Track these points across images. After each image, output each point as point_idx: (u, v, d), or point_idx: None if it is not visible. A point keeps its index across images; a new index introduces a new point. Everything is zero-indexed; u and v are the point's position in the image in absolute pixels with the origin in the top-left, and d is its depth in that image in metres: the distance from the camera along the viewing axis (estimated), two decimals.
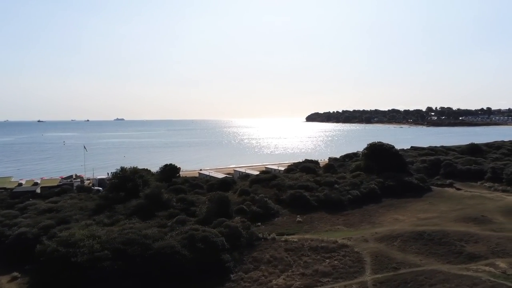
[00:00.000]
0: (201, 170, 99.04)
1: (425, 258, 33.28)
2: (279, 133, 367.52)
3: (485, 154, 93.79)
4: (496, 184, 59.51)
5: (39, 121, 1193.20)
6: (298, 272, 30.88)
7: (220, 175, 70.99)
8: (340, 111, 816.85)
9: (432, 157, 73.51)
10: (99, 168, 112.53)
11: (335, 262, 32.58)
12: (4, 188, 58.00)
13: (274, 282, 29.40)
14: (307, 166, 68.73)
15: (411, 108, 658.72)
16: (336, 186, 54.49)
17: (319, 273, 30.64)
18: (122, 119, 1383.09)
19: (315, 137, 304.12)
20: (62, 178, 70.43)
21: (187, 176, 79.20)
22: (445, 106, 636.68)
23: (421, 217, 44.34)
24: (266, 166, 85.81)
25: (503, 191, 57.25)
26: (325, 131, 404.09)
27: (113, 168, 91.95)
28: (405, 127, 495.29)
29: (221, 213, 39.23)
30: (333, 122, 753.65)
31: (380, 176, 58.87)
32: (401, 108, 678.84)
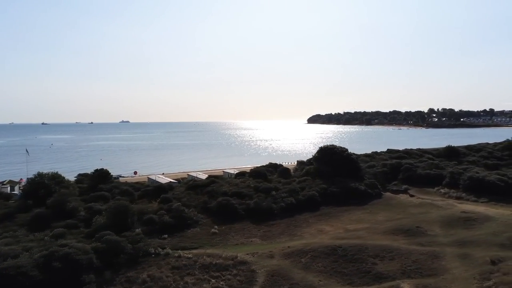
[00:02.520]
0: (164, 173, 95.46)
1: (326, 278, 29.37)
2: (278, 135, 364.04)
3: (462, 157, 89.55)
4: (452, 191, 55.30)
5: (43, 123, 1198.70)
6: None
7: (165, 180, 67.22)
8: (342, 112, 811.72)
9: (393, 161, 69.17)
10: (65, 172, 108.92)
11: (221, 283, 28.69)
12: None
13: None
14: (257, 171, 64.73)
15: (413, 110, 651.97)
16: (273, 193, 50.52)
17: None
18: (128, 122, 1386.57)
19: (308, 138, 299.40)
20: None
21: (140, 181, 75.76)
22: (447, 108, 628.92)
23: (349, 228, 40.34)
24: (224, 170, 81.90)
25: (457, 198, 53.05)
26: (322, 133, 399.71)
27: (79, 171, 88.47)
28: (404, 128, 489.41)
29: (117, 225, 35.47)
30: (334, 123, 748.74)
31: (327, 182, 54.88)
32: (404, 109, 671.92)
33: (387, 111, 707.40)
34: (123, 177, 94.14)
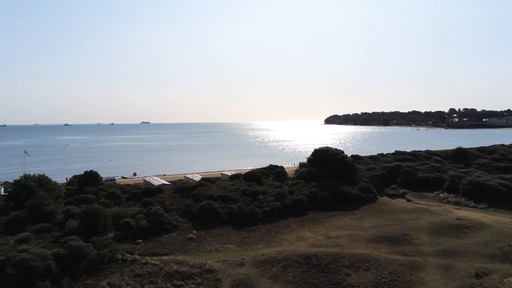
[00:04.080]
0: (165, 174, 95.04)
1: None
2: (291, 136, 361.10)
3: (472, 159, 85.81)
4: (451, 195, 52.64)
5: (66, 124, 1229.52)
6: None
7: (158, 182, 66.51)
8: (359, 113, 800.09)
9: (393, 164, 66.48)
10: (64, 173, 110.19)
11: None
12: None
13: None
14: (251, 174, 63.28)
15: (434, 110, 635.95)
16: (261, 196, 49.01)
17: None
18: (148, 122, 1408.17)
19: (321, 139, 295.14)
20: None
21: (137, 182, 75.47)
22: (469, 108, 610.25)
23: (331, 235, 38.50)
24: (222, 172, 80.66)
25: (455, 203, 50.44)
26: (337, 134, 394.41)
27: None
28: (422, 129, 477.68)
29: (88, 229, 34.74)
30: (351, 124, 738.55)
31: (318, 185, 53.03)
32: (424, 109, 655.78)
33: (406, 111, 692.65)
34: (124, 177, 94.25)
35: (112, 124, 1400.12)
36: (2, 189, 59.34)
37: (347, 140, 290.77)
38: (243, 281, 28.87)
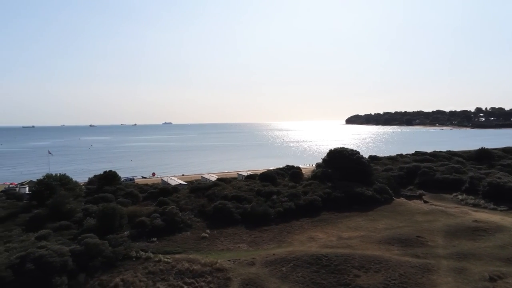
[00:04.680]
0: (183, 174, 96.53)
1: None
2: (311, 137, 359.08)
3: (496, 160, 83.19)
4: (470, 197, 51.41)
5: (91, 125, 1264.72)
6: None
7: (175, 182, 67.71)
8: (381, 113, 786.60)
9: (410, 165, 65.32)
10: (87, 172, 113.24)
11: None
12: None
13: None
14: (266, 174, 63.59)
15: (459, 109, 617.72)
16: (274, 197, 49.29)
17: None
18: (170, 123, 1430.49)
19: (341, 140, 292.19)
20: (15, 185, 70.93)
21: (155, 182, 77.03)
22: (497, 107, 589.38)
23: (343, 236, 38.36)
24: (238, 173, 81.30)
25: (474, 205, 49.25)
26: (358, 134, 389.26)
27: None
28: (447, 129, 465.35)
29: (105, 227, 35.95)
30: (373, 124, 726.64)
31: (333, 186, 52.85)
32: (449, 109, 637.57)
33: (430, 110, 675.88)
34: (144, 177, 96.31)
35: (135, 124, 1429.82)
36: (27, 188, 61.86)
37: (368, 140, 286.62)
38: (252, 280, 29.25)
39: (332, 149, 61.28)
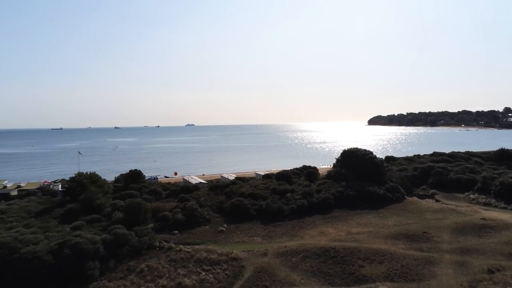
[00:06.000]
0: (204, 174, 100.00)
1: (308, 278, 30.42)
2: (332, 138, 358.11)
3: None
4: (482, 196, 52.30)
5: (116, 127, 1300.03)
6: (161, 284, 29.94)
7: (196, 181, 71.11)
8: (405, 113, 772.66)
9: (424, 165, 66.29)
10: (113, 172, 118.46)
11: (210, 276, 31.09)
12: None
13: None
14: (282, 173, 66.11)
15: (486, 109, 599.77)
16: (288, 195, 51.77)
17: (180, 286, 29.49)
18: (193, 125, 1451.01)
19: (362, 141, 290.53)
20: (48, 183, 76.06)
21: (177, 181, 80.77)
22: None
23: (352, 231, 40.43)
24: (256, 172, 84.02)
25: (485, 204, 50.20)
26: (380, 135, 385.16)
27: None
28: (473, 130, 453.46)
29: (131, 220, 39.44)
30: (396, 125, 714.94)
31: (346, 185, 54.81)
32: (476, 109, 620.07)
33: (456, 111, 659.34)
34: (167, 176, 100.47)
35: (158, 126, 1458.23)
36: (60, 186, 66.67)
37: (389, 141, 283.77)
38: (264, 269, 31.91)
39: (346, 149, 63.09)
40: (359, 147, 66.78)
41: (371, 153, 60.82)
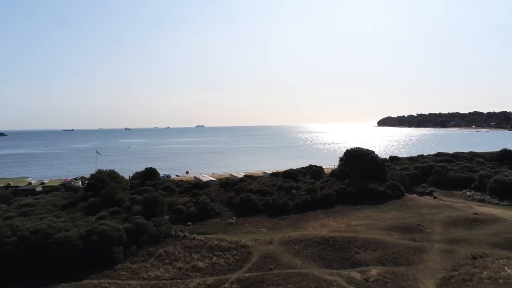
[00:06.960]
0: (214, 173, 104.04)
1: (309, 262, 33.95)
2: (341, 139, 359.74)
3: None
4: (477, 193, 55.18)
5: (126, 128, 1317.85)
6: (177, 266, 33.76)
7: (206, 179, 74.98)
8: (415, 114, 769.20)
9: (425, 164, 69.18)
10: (127, 171, 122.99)
11: (221, 260, 34.82)
12: (16, 186, 69.00)
13: (149, 273, 32.77)
14: (288, 172, 69.63)
15: (498, 110, 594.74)
16: (293, 191, 55.28)
17: (195, 268, 33.27)
18: (203, 126, 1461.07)
19: (371, 142, 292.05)
20: (69, 180, 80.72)
21: (189, 179, 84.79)
22: None
23: (351, 224, 43.79)
24: (264, 171, 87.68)
25: (480, 200, 53.07)
26: (389, 136, 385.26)
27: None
28: (483, 131, 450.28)
29: (149, 212, 43.41)
30: (405, 126, 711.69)
31: (348, 183, 58.09)
32: (487, 110, 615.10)
33: (467, 112, 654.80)
34: (178, 175, 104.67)
35: (168, 127, 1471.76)
36: (80, 182, 71.22)
37: (396, 142, 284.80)
38: (269, 255, 35.52)
39: (348, 149, 66.30)
40: (366, 148, 69.79)
41: (372, 152, 63.94)
